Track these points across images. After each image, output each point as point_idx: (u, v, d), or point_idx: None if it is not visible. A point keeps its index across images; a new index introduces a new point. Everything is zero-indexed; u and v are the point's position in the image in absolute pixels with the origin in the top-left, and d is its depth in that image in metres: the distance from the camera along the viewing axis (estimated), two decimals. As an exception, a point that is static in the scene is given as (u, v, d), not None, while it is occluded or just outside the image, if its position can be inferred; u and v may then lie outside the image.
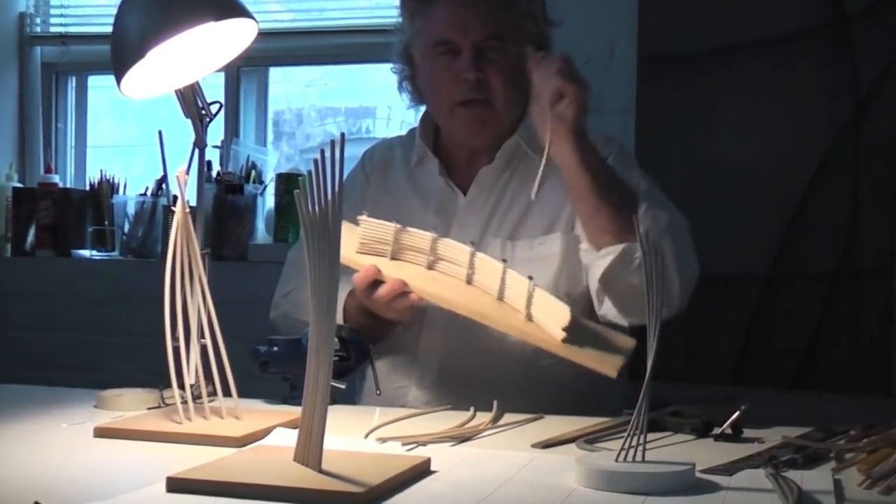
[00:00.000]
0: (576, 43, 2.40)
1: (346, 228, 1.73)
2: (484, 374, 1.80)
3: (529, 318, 1.62)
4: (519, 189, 1.91)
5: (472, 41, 1.86)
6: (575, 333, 1.58)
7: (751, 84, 2.69)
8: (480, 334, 1.80)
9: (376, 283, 1.71)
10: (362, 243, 1.72)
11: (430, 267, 1.70)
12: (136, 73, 1.45)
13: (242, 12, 1.50)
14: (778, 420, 1.47)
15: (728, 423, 1.42)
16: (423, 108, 2.02)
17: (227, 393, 1.47)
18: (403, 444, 1.33)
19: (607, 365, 1.58)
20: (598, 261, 1.71)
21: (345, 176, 1.11)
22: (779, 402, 1.92)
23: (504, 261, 1.66)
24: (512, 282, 1.64)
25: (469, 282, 1.68)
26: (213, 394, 1.48)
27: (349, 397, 1.87)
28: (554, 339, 1.58)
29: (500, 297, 1.65)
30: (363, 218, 1.73)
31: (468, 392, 1.66)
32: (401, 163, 2.03)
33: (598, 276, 1.71)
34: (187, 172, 1.48)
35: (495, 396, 1.59)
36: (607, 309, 1.74)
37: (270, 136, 3.50)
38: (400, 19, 1.98)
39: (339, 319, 1.82)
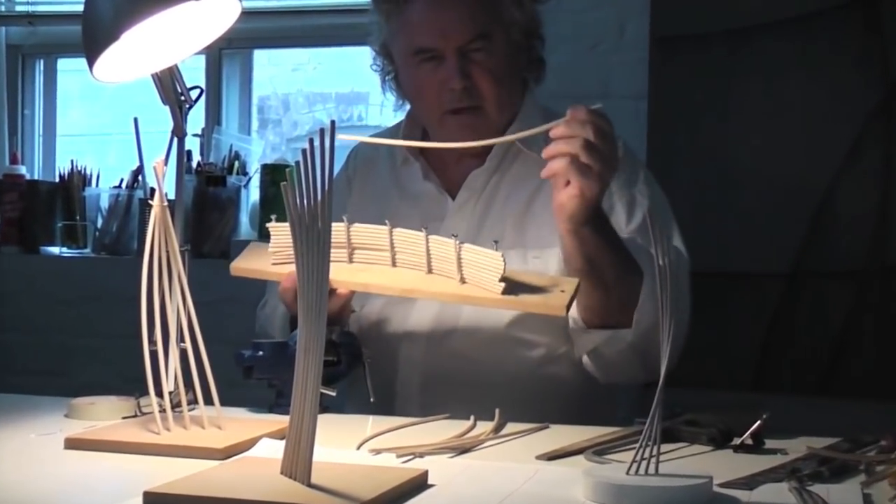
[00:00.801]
0: (582, 23, 2.41)
1: (255, 247, 1.79)
2: (473, 385, 1.81)
3: (463, 280, 1.63)
4: (512, 192, 1.91)
5: (455, 46, 1.83)
6: (513, 283, 1.60)
7: (773, 67, 2.69)
8: (466, 341, 1.82)
9: None
10: (275, 253, 1.72)
11: (351, 258, 1.69)
12: (110, 56, 1.45)
13: (224, -10, 1.50)
14: (802, 429, 1.47)
15: (748, 432, 1.42)
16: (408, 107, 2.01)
17: (208, 401, 1.47)
18: (399, 456, 1.33)
19: (554, 306, 1.59)
20: (583, 337, 1.75)
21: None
22: (803, 410, 1.93)
23: (425, 228, 1.65)
24: (437, 249, 1.64)
25: (394, 263, 1.68)
26: (193, 402, 1.48)
27: (340, 405, 1.87)
28: (493, 294, 1.60)
29: (429, 269, 1.65)
30: (271, 225, 1.71)
31: (456, 404, 1.66)
32: (386, 160, 2.02)
33: (583, 350, 1.76)
34: (165, 163, 1.48)
35: (486, 408, 1.59)
36: (590, 369, 1.79)
37: (255, 124, 3.51)
38: (374, 15, 1.95)
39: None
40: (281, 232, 1.71)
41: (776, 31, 2.68)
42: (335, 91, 3.57)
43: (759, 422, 1.42)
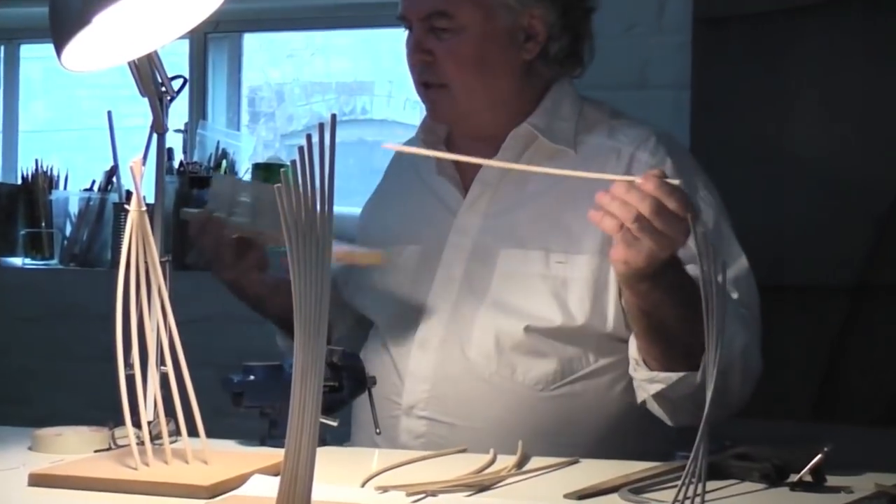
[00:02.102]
0: (616, 2, 2.41)
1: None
2: (487, 404, 1.84)
3: None
4: (532, 187, 1.93)
5: (416, 18, 1.93)
6: None
7: (834, 52, 2.68)
8: (479, 351, 1.86)
9: None
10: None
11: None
12: (81, 42, 1.46)
13: (211, -34, 1.50)
14: (869, 464, 1.47)
15: (807, 468, 1.42)
16: None
17: (192, 432, 1.47)
18: (408, 495, 1.33)
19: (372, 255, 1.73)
20: (647, 384, 1.75)
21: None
22: (870, 442, 1.93)
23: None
24: None
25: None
26: (175, 433, 1.49)
27: (342, 436, 1.88)
28: None
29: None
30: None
31: (470, 427, 1.71)
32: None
33: (646, 394, 1.76)
34: (144, 162, 1.49)
35: (503, 432, 1.60)
36: (655, 412, 1.80)
37: (245, 118, 3.52)
38: None
39: None
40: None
41: (839, 9, 2.67)
42: (336, 80, 3.58)
43: (819, 456, 1.41)
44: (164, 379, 1.47)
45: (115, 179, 3.20)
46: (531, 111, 1.96)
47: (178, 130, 3.24)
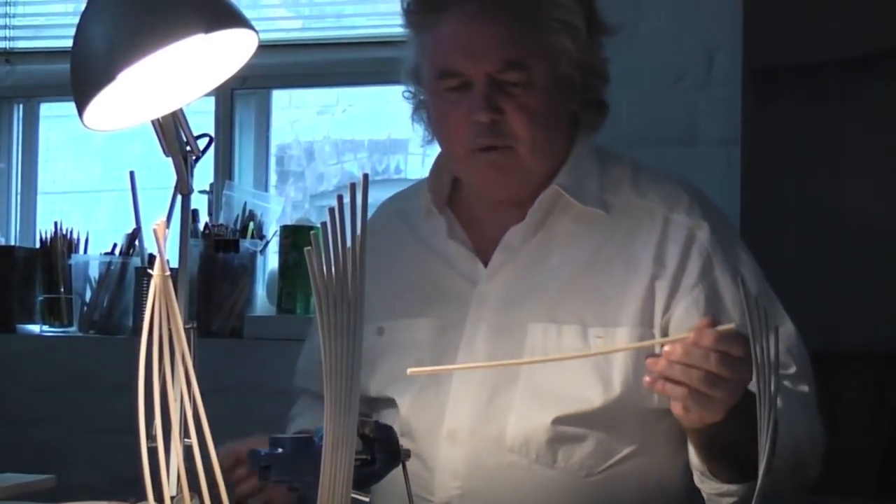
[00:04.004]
0: (663, 52, 2.43)
1: None
2: (526, 496, 1.81)
3: None
4: (562, 255, 1.90)
5: (484, 72, 1.83)
6: None
7: (892, 105, 2.67)
8: (517, 440, 1.82)
9: None
10: None
11: None
12: (104, 100, 1.47)
13: (239, 21, 1.51)
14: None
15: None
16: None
17: (217, 507, 1.48)
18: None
19: None
20: (719, 498, 1.70)
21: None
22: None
23: None
24: None
25: None
26: (199, 509, 1.49)
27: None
28: None
29: None
30: None
31: None
32: (422, 214, 2.03)
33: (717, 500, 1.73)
34: (168, 225, 1.50)
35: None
36: None
37: (273, 178, 3.53)
38: (406, 30, 1.98)
39: None
40: None
41: (896, 61, 2.68)
42: (368, 138, 3.59)
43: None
44: (188, 452, 1.48)
45: (137, 242, 3.21)
46: (556, 169, 1.92)
47: (203, 191, 3.25)
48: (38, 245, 3.43)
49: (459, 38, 1.85)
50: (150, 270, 1.45)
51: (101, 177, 3.70)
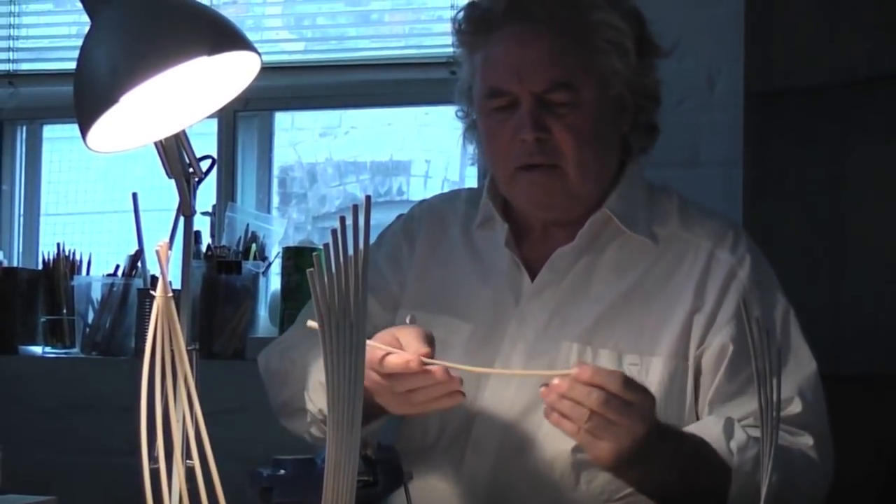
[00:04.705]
0: (665, 75, 2.42)
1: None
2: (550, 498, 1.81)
3: None
4: (606, 279, 1.91)
5: (530, 91, 1.85)
6: None
7: (894, 127, 2.67)
8: (542, 459, 1.82)
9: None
10: None
11: None
12: (107, 122, 1.47)
13: (241, 43, 1.51)
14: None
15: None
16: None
17: (219, 529, 1.48)
18: None
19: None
20: None
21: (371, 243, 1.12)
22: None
23: None
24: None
25: None
26: (201, 530, 1.49)
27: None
28: None
29: None
30: None
31: None
32: (462, 220, 2.04)
33: None
34: (170, 246, 1.50)
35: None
36: None
37: (276, 200, 3.54)
38: (459, 50, 1.99)
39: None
40: None
41: (897, 83, 2.68)
42: (370, 160, 3.60)
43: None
44: (190, 473, 1.48)
45: (139, 264, 3.22)
46: (605, 194, 1.92)
47: (205, 213, 3.25)
48: (40, 266, 3.44)
49: (508, 57, 1.87)
50: (152, 292, 1.45)
51: (103, 198, 3.70)
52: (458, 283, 1.97)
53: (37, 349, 3.35)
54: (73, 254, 3.40)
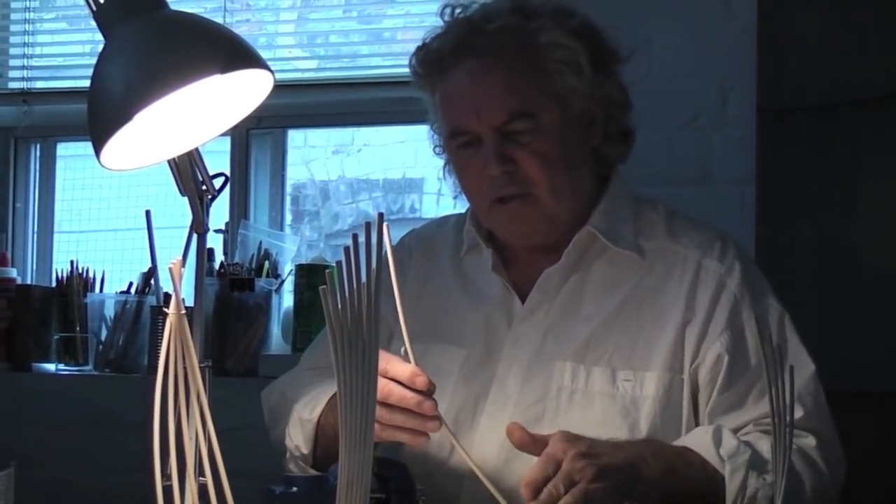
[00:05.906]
0: (676, 92, 2.44)
1: None
2: None
3: None
4: (596, 296, 1.91)
5: (490, 126, 1.85)
6: None
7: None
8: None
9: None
10: None
11: None
12: (121, 140, 1.48)
13: (255, 61, 1.51)
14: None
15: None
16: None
17: (232, 547, 1.47)
18: None
19: None
20: None
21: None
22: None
23: None
24: None
25: None
26: (214, 548, 1.49)
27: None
28: None
29: None
30: None
31: None
32: (451, 248, 2.05)
33: None
34: (183, 264, 1.50)
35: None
36: None
37: (288, 217, 3.54)
38: (420, 92, 2.00)
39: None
40: None
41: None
42: (383, 177, 3.60)
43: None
44: (202, 490, 1.47)
45: (153, 281, 3.23)
46: (589, 212, 1.93)
47: (218, 230, 3.25)
48: (54, 284, 3.43)
49: (462, 95, 1.89)
50: (165, 309, 1.45)
51: (117, 216, 3.70)
52: (450, 310, 1.98)
53: (50, 366, 3.35)
54: (87, 271, 3.39)
